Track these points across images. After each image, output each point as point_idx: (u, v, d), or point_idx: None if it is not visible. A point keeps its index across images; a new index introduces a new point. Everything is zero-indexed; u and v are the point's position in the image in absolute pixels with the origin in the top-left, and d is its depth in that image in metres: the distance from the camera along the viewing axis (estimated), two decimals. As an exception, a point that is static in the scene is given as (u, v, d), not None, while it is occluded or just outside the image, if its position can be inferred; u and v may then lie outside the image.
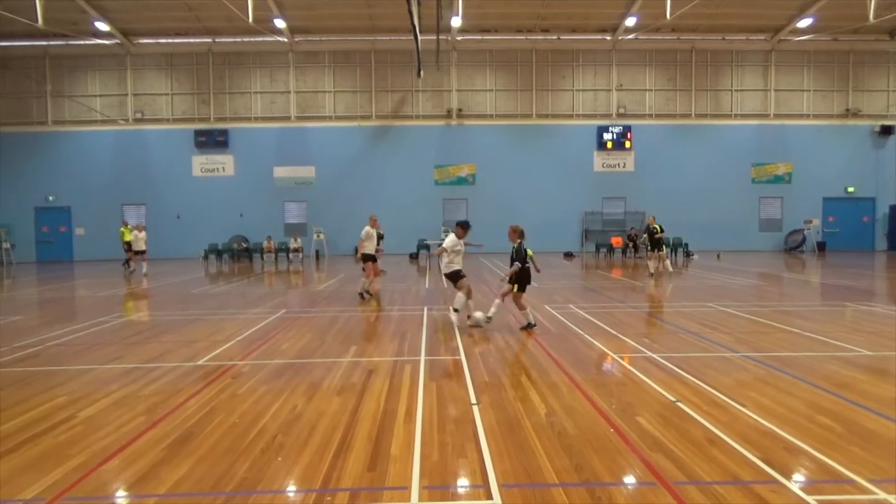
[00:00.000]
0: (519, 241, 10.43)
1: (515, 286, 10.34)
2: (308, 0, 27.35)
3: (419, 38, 23.64)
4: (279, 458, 4.84)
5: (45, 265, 28.55)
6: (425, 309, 12.56)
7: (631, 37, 30.12)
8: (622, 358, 8.11)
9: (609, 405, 6.04)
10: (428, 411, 5.94)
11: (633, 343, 8.97)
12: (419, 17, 22.81)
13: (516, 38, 30.76)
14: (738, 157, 31.49)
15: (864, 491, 4.19)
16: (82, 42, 29.78)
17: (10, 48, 30.12)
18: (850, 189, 31.74)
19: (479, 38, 30.66)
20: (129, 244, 23.67)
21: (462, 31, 29.38)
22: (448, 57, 30.71)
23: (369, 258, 14.32)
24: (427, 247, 29.32)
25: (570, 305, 12.80)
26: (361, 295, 14.25)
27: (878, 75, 31.73)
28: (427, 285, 17.58)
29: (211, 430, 5.49)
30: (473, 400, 6.28)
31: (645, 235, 20.90)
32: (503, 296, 10.62)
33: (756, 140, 31.64)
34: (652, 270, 19.53)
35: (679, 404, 6.03)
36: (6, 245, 29.39)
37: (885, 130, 31.35)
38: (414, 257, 28.45)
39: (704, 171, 31.20)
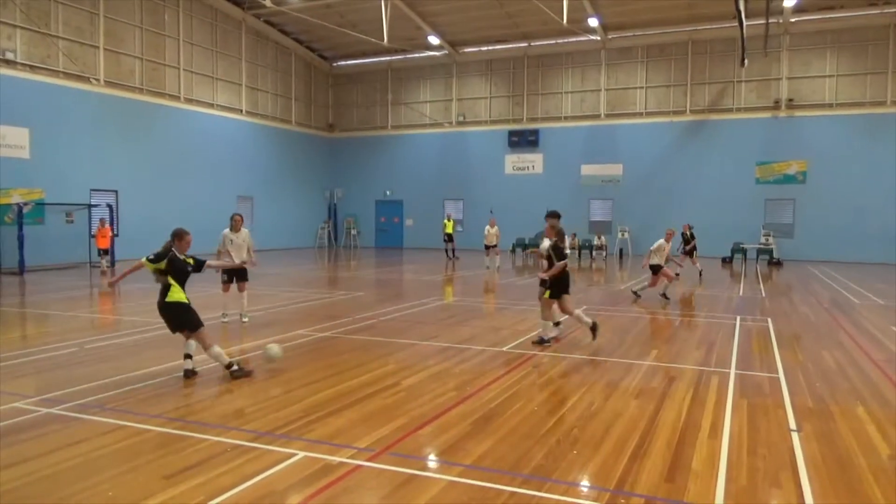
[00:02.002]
0: (555, 239, 8.82)
1: (548, 291, 8.82)
2: (624, -5, 27.00)
3: (745, 23, 21.61)
4: (574, 451, 4.87)
5: (382, 250, 33.10)
6: (738, 318, 11.49)
7: None
8: None
9: (984, 459, 4.81)
10: (737, 429, 5.42)
11: None
12: (745, 1, 20.86)
13: (869, 12, 26.22)
14: None
15: None
16: (417, 55, 33.71)
17: (362, 65, 35.66)
18: None
19: (820, 17, 26.85)
20: (449, 236, 26.25)
21: (798, 10, 26.06)
22: (779, 41, 27.52)
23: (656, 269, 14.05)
24: (743, 251, 26.75)
25: (929, 330, 10.52)
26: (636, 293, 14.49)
27: None
28: (741, 292, 16.06)
29: (512, 414, 5.77)
30: (793, 426, 5.55)
31: None
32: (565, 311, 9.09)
33: None
34: None
35: None
36: (354, 232, 35.06)
37: None
38: (728, 261, 26.22)
39: None
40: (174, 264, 6.88)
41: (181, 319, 6.89)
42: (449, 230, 26.48)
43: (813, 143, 27.35)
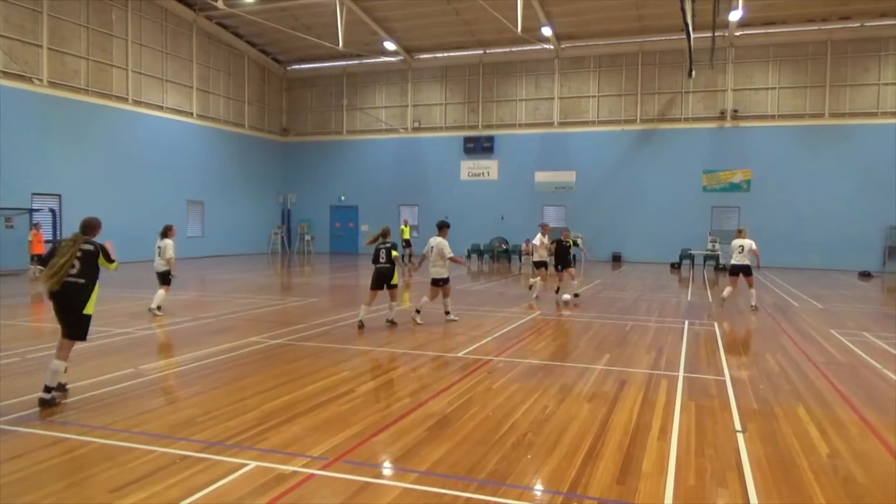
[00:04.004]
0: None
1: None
2: (576, 6, 27.46)
3: (692, 35, 22.28)
4: (529, 456, 4.92)
5: (336, 256, 32.81)
6: (686, 323, 11.80)
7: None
8: (935, 401, 6.74)
9: (915, 456, 5.06)
10: (685, 431, 5.56)
11: (950, 385, 7.40)
12: (693, 15, 21.49)
13: (807, 28, 27.34)
14: None
15: None
16: (373, 60, 33.60)
17: (317, 69, 35.35)
18: None
19: (762, 31, 27.88)
20: (407, 241, 26.26)
21: (742, 25, 26.99)
22: (724, 54, 28.46)
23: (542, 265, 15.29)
24: (691, 257, 27.54)
25: (865, 333, 11.00)
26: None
27: None
28: (689, 297, 16.51)
29: (467, 419, 5.79)
30: (738, 427, 5.73)
31: None
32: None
33: None
34: None
35: None
36: (308, 237, 34.67)
37: None
38: (676, 266, 26.90)
39: None
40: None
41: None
42: (406, 236, 26.55)
43: (756, 153, 28.37)
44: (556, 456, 4.92)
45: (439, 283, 11.28)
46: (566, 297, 14.23)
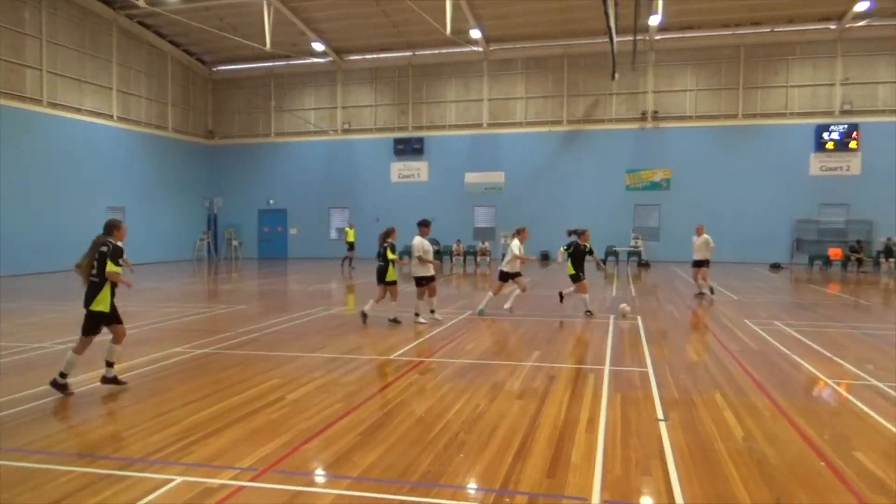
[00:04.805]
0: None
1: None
2: (503, 9, 27.88)
3: (615, 39, 23.00)
4: (461, 455, 4.97)
5: (265, 261, 32.13)
6: (611, 318, 12.17)
7: (862, 23, 26.67)
8: (838, 384, 7.21)
9: (820, 436, 5.40)
10: (611, 423, 5.75)
11: (852, 368, 7.93)
12: (615, 19, 22.19)
13: (722, 33, 28.70)
14: None
15: None
16: (301, 61, 33.08)
17: (243, 70, 34.50)
18: None
19: (680, 35, 29.08)
20: (351, 244, 26.06)
21: (661, 29, 28.06)
22: (645, 57, 29.52)
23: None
24: (616, 253, 28.43)
25: (776, 322, 11.65)
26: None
27: None
28: (614, 292, 17.03)
29: (400, 422, 5.80)
30: (661, 416, 5.96)
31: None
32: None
33: None
34: None
35: (910, 443, 5.21)
36: (235, 243, 33.79)
37: None
38: (602, 263, 27.68)
39: (952, 175, 26.66)
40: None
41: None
42: (350, 238, 26.36)
43: (676, 153, 29.56)
44: (487, 454, 4.99)
45: (422, 283, 11.41)
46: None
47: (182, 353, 9.00)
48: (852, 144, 27.77)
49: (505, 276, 12.47)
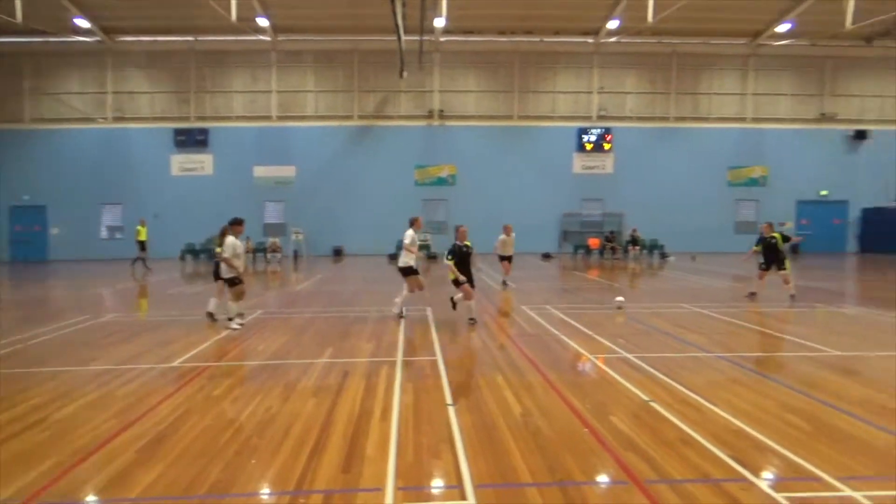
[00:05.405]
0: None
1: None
2: (291, -1, 27.26)
3: (402, 38, 23.61)
4: (253, 461, 4.83)
5: (20, 264, 28.10)
6: (404, 310, 12.54)
7: (613, 39, 30.34)
8: (597, 358, 8.19)
9: (583, 405, 6.11)
10: (404, 412, 5.96)
11: (608, 343, 9.06)
12: (403, 18, 22.78)
13: (499, 39, 30.85)
14: (715, 160, 31.81)
15: (831, 488, 4.29)
16: (64, 39, 29.26)
17: (-12, 44, 29.72)
18: (824, 192, 32.21)
19: (463, 39, 30.68)
20: (142, 243, 23.55)
21: (446, 31, 29.38)
22: (431, 57, 30.71)
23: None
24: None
25: (548, 306, 12.88)
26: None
27: (853, 80, 32.24)
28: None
29: (185, 433, 5.46)
30: (449, 401, 6.31)
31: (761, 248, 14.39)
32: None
33: (733, 144, 32.00)
34: (755, 290, 14.31)
35: (652, 404, 6.11)
36: (-22, 244, 29.09)
37: (859, 135, 31.83)
38: (393, 258, 28.39)
39: (682, 174, 31.47)
40: None
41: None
42: (142, 237, 23.75)
43: (460, 150, 31.25)
44: (281, 455, 4.90)
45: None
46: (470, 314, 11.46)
47: None
48: (606, 146, 31.56)
49: (409, 271, 11.49)
